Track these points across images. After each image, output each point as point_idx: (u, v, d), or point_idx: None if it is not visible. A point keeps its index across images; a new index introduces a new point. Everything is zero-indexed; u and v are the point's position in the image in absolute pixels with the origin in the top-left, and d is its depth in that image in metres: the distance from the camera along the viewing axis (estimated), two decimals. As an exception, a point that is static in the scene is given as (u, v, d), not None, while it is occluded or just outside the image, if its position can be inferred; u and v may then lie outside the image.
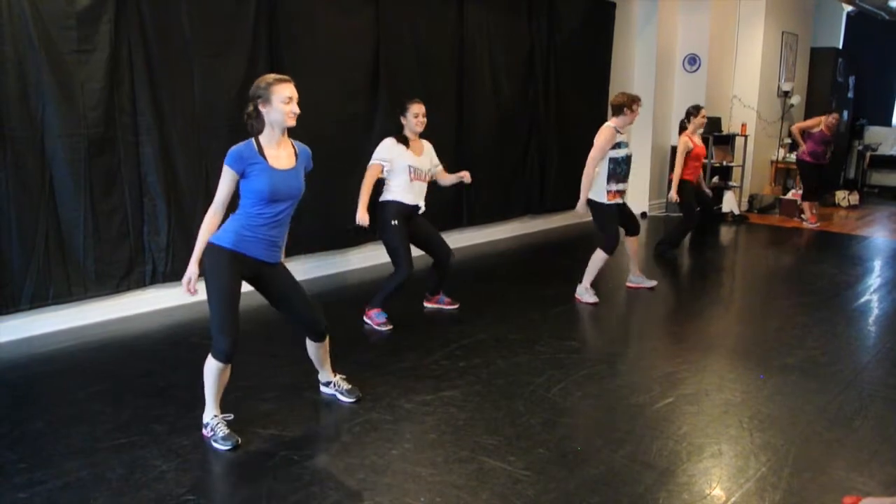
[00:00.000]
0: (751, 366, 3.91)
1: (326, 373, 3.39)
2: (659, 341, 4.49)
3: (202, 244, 2.85)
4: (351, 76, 5.64)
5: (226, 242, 2.85)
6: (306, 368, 3.52)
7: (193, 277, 2.84)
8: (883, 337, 4.45)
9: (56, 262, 4.23)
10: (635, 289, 5.44)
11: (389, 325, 4.40)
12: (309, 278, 5.54)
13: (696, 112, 6.36)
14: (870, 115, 11.98)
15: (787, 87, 9.99)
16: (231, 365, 2.94)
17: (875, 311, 5.02)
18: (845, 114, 10.99)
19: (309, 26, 5.30)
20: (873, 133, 11.83)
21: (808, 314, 4.89)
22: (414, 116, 4.32)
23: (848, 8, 10.56)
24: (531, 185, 7.65)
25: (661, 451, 2.92)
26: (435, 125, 4.63)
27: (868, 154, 11.41)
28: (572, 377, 3.69)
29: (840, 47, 11.44)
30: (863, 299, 5.31)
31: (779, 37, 9.87)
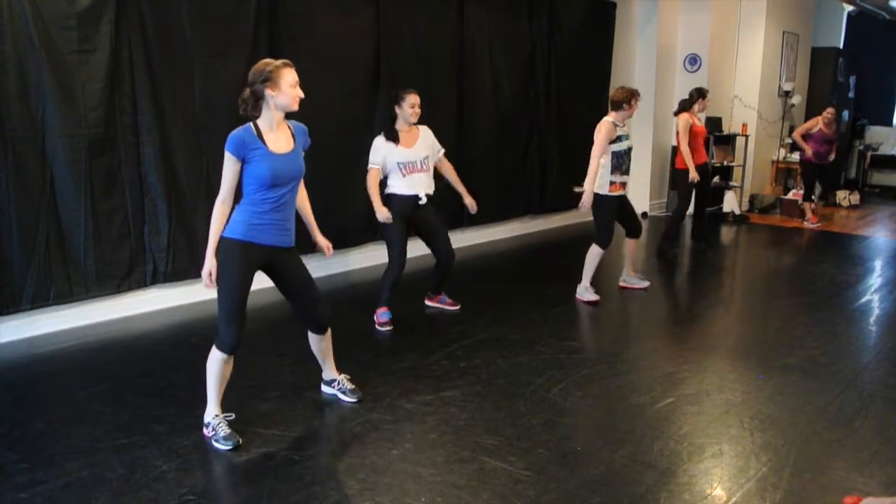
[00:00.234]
0: (751, 366, 3.91)
1: (330, 370, 3.39)
2: (659, 341, 4.48)
3: (216, 235, 2.84)
4: (351, 76, 5.64)
5: (237, 234, 2.85)
6: (309, 368, 3.52)
7: (213, 270, 2.83)
8: (883, 337, 4.45)
9: (57, 263, 4.24)
10: (629, 289, 5.43)
11: (390, 326, 4.40)
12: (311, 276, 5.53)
13: (703, 95, 6.38)
14: (870, 115, 11.98)
15: (788, 87, 9.98)
16: (234, 361, 2.95)
17: (876, 311, 5.02)
18: (846, 114, 10.98)
19: (309, 26, 5.30)
20: (874, 133, 11.83)
21: (809, 314, 4.89)
22: (410, 106, 4.29)
23: (849, 8, 10.57)
24: (531, 186, 7.64)
25: (662, 452, 2.92)
26: (435, 125, 4.62)
27: (869, 154, 11.40)
28: (573, 377, 3.69)
29: (841, 47, 11.44)
30: (863, 299, 5.31)
31: (780, 37, 9.86)
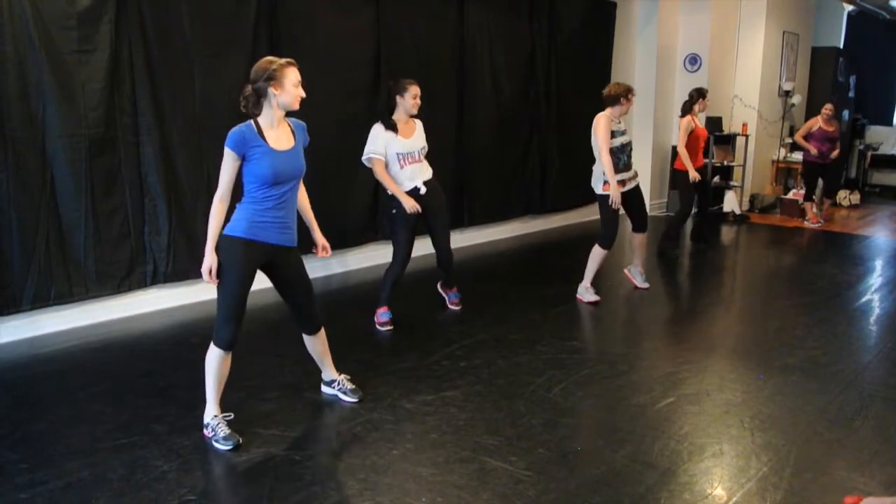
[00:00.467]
0: (752, 366, 3.91)
1: (329, 371, 3.39)
2: (660, 341, 4.48)
3: (215, 232, 2.84)
4: (351, 76, 5.64)
5: (239, 232, 2.86)
6: (308, 368, 3.52)
7: (214, 266, 2.82)
8: (884, 337, 4.45)
9: (57, 263, 4.24)
10: (629, 280, 5.44)
11: (390, 326, 4.40)
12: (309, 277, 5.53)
13: (702, 95, 6.40)
14: (871, 115, 11.97)
15: (788, 87, 9.98)
16: (234, 361, 2.95)
17: (876, 311, 5.02)
18: (846, 113, 10.98)
19: (309, 26, 5.30)
20: (874, 132, 11.82)
21: (809, 314, 4.89)
22: (413, 97, 4.27)
23: (849, 8, 10.56)
24: (532, 186, 7.64)
25: (663, 451, 2.92)
26: (435, 125, 4.63)
27: (869, 153, 11.40)
28: (573, 377, 3.69)
29: (841, 47, 11.43)
30: (864, 299, 5.31)
31: (780, 36, 9.86)
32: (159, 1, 4.49)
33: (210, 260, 2.82)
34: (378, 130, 4.27)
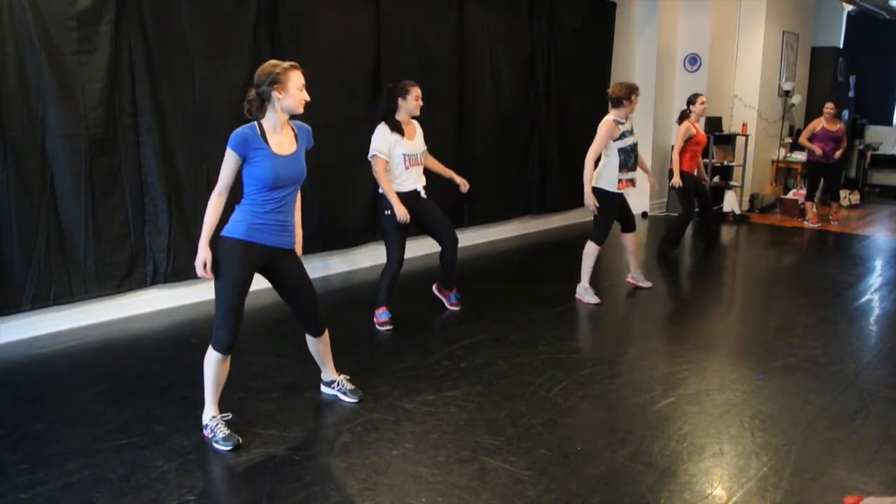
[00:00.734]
0: (752, 366, 3.91)
1: (329, 371, 3.39)
2: (660, 341, 4.48)
3: (210, 227, 2.83)
4: (351, 76, 5.64)
5: (238, 234, 2.85)
6: (308, 368, 3.52)
7: (208, 259, 2.81)
8: (884, 337, 4.45)
9: (57, 263, 4.24)
10: (634, 286, 5.44)
11: (389, 326, 4.40)
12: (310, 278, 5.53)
13: (695, 100, 6.44)
14: (871, 115, 11.97)
15: (788, 87, 9.98)
16: (234, 361, 2.94)
17: (876, 311, 5.02)
18: (846, 113, 10.97)
19: (309, 26, 5.30)
20: (874, 132, 11.82)
21: (809, 314, 4.89)
22: (415, 99, 4.27)
23: (849, 7, 10.55)
24: (532, 186, 7.64)
25: (663, 451, 2.91)
26: (435, 125, 4.63)
27: (869, 153, 11.40)
28: (573, 377, 3.69)
29: (841, 47, 11.44)
30: (864, 299, 5.31)
31: (779, 36, 9.86)
32: (159, 1, 4.49)
33: (204, 254, 2.81)
34: (384, 131, 4.27)
